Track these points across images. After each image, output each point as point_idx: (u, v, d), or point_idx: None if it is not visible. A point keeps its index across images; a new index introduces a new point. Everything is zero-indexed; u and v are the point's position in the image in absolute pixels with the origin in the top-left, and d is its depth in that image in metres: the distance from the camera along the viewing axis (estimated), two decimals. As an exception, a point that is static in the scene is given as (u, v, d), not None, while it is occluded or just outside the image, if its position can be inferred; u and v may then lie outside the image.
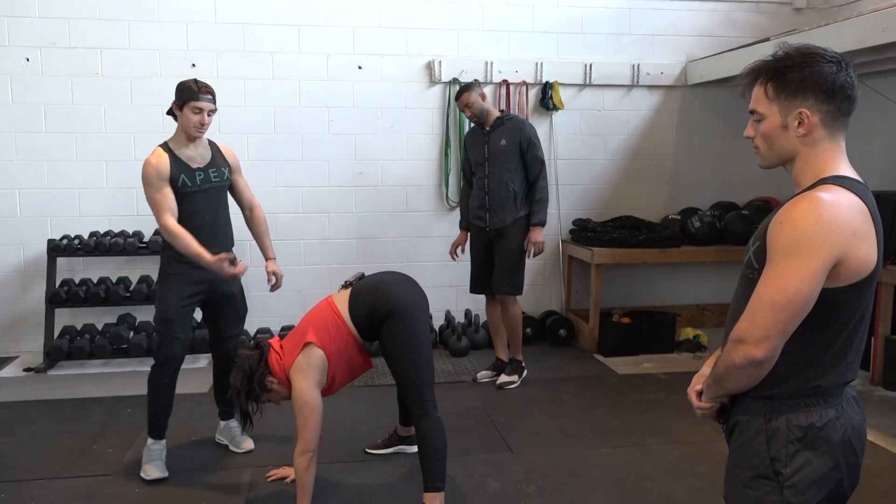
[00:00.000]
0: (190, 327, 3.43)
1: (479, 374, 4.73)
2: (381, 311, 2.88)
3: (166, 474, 3.28)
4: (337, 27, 5.34)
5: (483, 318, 5.34)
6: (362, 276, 3.10)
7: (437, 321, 5.61)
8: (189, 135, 3.27)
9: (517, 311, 4.55)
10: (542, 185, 4.43)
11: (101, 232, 5.15)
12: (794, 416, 1.55)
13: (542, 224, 4.46)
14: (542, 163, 4.45)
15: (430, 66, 5.48)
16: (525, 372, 4.65)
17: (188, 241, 3.15)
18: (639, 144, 5.86)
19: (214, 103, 3.27)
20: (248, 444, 3.59)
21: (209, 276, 3.26)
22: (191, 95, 3.21)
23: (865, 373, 4.58)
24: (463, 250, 4.73)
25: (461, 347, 5.14)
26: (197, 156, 3.33)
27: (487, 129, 4.46)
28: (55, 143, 5.15)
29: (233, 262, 3.21)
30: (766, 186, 5.92)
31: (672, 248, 5.40)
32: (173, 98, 3.27)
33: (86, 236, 5.09)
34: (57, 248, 4.98)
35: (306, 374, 2.81)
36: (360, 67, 5.41)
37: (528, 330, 5.41)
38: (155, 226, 5.19)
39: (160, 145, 3.31)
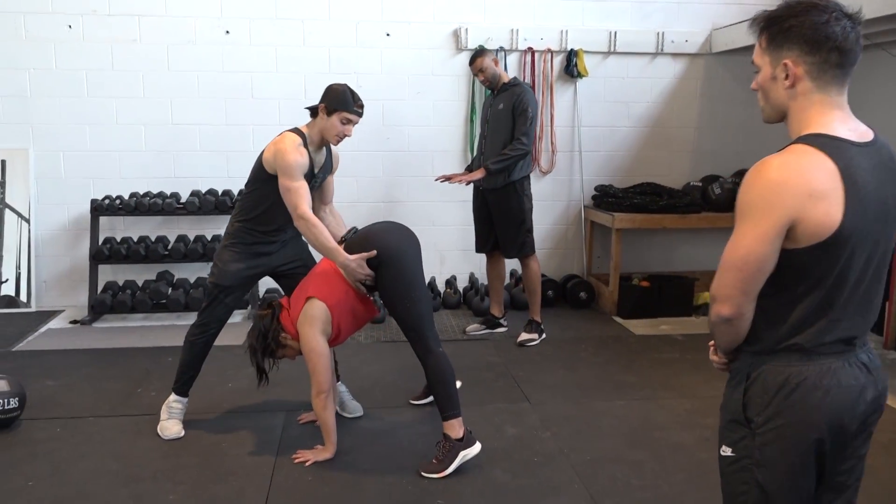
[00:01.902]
0: (241, 298, 3.47)
1: (468, 328, 4.94)
2: (371, 261, 3.05)
3: (183, 434, 3.36)
4: (366, -6, 5.48)
5: (506, 281, 5.50)
6: (355, 231, 3.28)
7: (462, 283, 5.80)
8: (326, 139, 3.24)
9: (535, 269, 4.71)
10: (515, 145, 4.40)
11: (141, 193, 5.39)
12: (771, 369, 1.57)
13: (488, 171, 4.43)
14: (526, 125, 4.40)
15: (456, 34, 5.60)
16: (544, 334, 4.82)
17: (326, 235, 3.10)
18: (662, 112, 5.93)
19: (361, 116, 3.23)
20: (357, 409, 3.62)
21: (272, 257, 3.34)
22: (346, 106, 3.16)
23: (879, 337, 4.68)
24: (462, 181, 4.61)
25: (484, 307, 5.32)
26: (319, 160, 3.32)
27: (495, 93, 4.60)
28: (96, 108, 5.38)
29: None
30: (788, 154, 5.97)
31: (692, 214, 5.51)
32: (322, 100, 3.21)
33: (126, 197, 5.34)
34: (99, 208, 5.23)
35: (310, 324, 3.03)
36: (388, 35, 5.55)
37: (550, 293, 5.57)
38: (191, 187, 5.45)
39: (298, 134, 3.22)
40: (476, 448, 3.08)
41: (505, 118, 4.50)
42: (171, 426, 3.39)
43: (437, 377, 3.07)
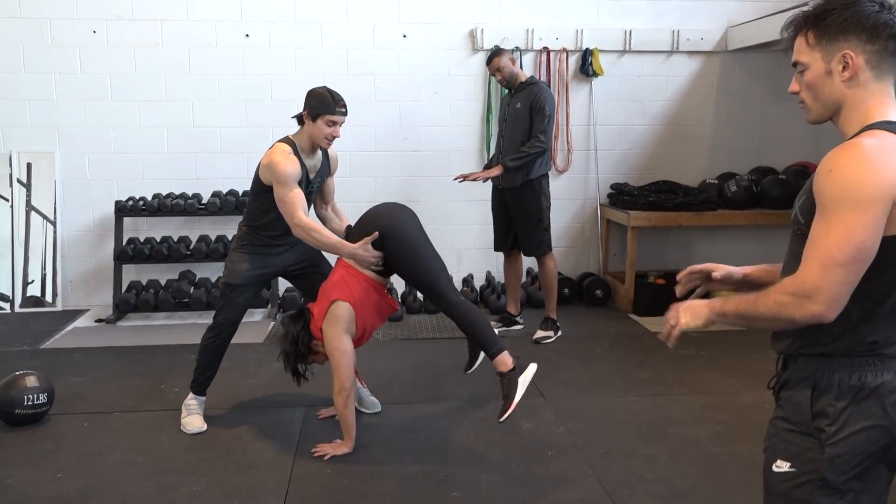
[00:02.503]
0: (252, 299, 3.54)
1: None
2: (375, 242, 3.13)
3: (205, 427, 3.45)
4: (383, -3, 5.55)
5: (522, 279, 5.55)
6: (350, 227, 3.38)
7: (479, 282, 5.85)
8: (316, 144, 3.30)
9: (552, 267, 4.75)
10: (533, 143, 4.45)
11: (163, 194, 5.50)
12: (846, 374, 1.48)
13: (506, 168, 4.50)
14: (543, 124, 4.45)
15: (472, 34, 5.65)
16: (560, 331, 4.86)
17: (326, 234, 3.21)
18: (677, 110, 5.95)
19: (346, 115, 3.28)
20: (376, 405, 3.68)
21: (281, 258, 3.43)
22: (328, 109, 3.20)
23: None
24: (479, 178, 4.68)
25: (500, 305, 5.36)
26: (314, 165, 3.38)
27: (512, 92, 4.65)
28: (120, 111, 5.50)
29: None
30: (805, 152, 5.96)
31: (708, 212, 5.52)
32: (305, 106, 3.27)
33: (149, 198, 5.45)
34: (123, 209, 5.35)
35: (333, 324, 3.12)
36: (404, 36, 5.62)
37: (566, 290, 5.61)
38: (212, 188, 5.55)
39: (287, 143, 3.28)
40: (532, 369, 3.19)
41: (522, 117, 4.55)
42: (192, 421, 3.47)
43: (466, 323, 3.20)
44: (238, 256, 3.41)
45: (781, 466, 1.53)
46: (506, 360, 3.15)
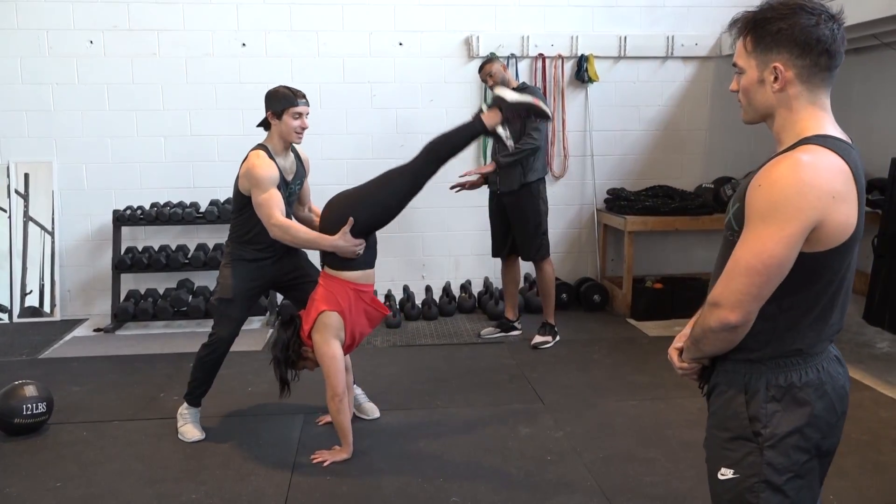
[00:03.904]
0: (247, 312, 3.55)
1: (483, 331, 5.02)
2: (353, 229, 3.15)
3: (204, 435, 3.46)
4: (378, 5, 5.58)
5: (520, 285, 5.56)
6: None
7: (476, 288, 5.86)
8: (288, 141, 3.35)
9: (550, 273, 4.77)
10: (525, 140, 4.48)
11: (161, 203, 5.51)
12: (773, 377, 1.52)
13: (498, 164, 4.58)
14: (536, 122, 4.46)
15: (468, 42, 5.68)
16: (558, 336, 4.87)
17: (303, 230, 3.25)
18: (673, 115, 5.98)
19: (308, 105, 3.34)
20: (374, 411, 3.70)
21: (270, 270, 3.44)
22: (289, 102, 3.26)
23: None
24: (478, 177, 4.80)
25: (498, 311, 5.37)
26: (289, 167, 3.41)
27: None
28: (117, 120, 5.52)
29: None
30: (800, 155, 5.98)
31: (704, 216, 5.54)
32: (267, 108, 3.31)
33: (147, 207, 5.46)
34: (121, 218, 5.36)
35: (322, 332, 3.16)
36: (400, 44, 5.64)
37: (564, 296, 5.62)
38: (210, 196, 5.57)
39: (262, 150, 3.32)
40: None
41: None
42: (189, 430, 3.48)
43: (438, 144, 3.28)
44: (227, 272, 3.42)
45: (726, 474, 1.57)
46: (492, 116, 3.19)
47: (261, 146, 3.36)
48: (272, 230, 3.22)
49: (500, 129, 3.28)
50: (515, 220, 4.72)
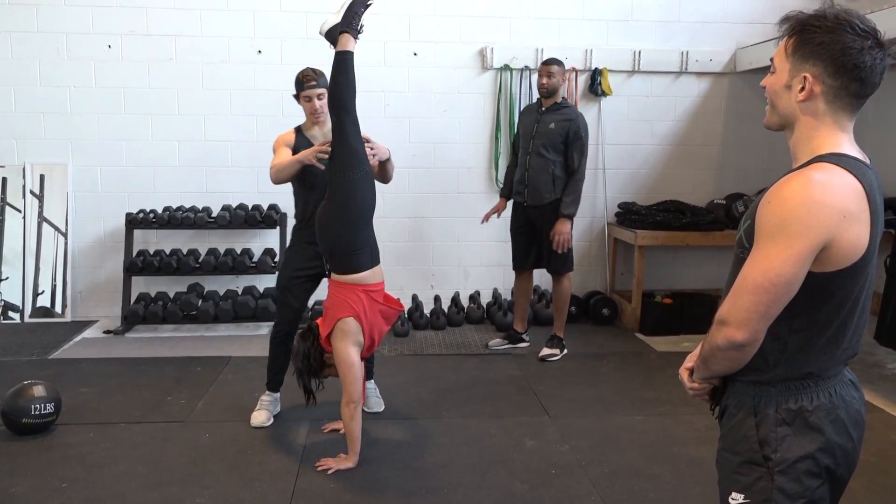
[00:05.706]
0: (302, 297, 3.67)
1: (491, 342, 5.01)
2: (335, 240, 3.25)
3: (270, 422, 3.65)
4: (394, 15, 5.61)
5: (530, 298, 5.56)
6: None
7: (485, 299, 5.86)
8: (310, 121, 3.63)
9: (567, 286, 4.78)
10: (577, 178, 4.58)
11: (174, 207, 5.54)
12: (784, 401, 1.50)
13: (569, 217, 4.59)
14: (583, 157, 4.58)
15: (482, 53, 5.70)
16: (566, 350, 4.85)
17: (287, 161, 3.43)
18: (686, 130, 5.97)
19: (321, 85, 3.52)
20: (379, 405, 3.85)
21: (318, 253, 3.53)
22: (299, 87, 3.56)
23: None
24: (498, 216, 4.97)
25: (507, 322, 5.37)
26: (321, 135, 3.62)
27: (544, 108, 4.67)
28: (132, 124, 5.56)
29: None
30: (813, 173, 5.95)
31: (715, 232, 5.52)
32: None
33: (160, 210, 5.50)
34: (134, 222, 5.40)
35: (341, 339, 3.18)
36: (415, 54, 5.67)
37: (573, 308, 5.60)
38: (222, 202, 5.60)
39: (294, 128, 3.70)
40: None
41: (556, 140, 4.58)
42: (258, 415, 3.67)
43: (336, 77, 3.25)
44: (285, 259, 3.75)
45: (736, 498, 1.54)
46: (344, 42, 3.21)
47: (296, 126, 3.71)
48: (271, 179, 3.52)
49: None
50: (548, 234, 4.66)
